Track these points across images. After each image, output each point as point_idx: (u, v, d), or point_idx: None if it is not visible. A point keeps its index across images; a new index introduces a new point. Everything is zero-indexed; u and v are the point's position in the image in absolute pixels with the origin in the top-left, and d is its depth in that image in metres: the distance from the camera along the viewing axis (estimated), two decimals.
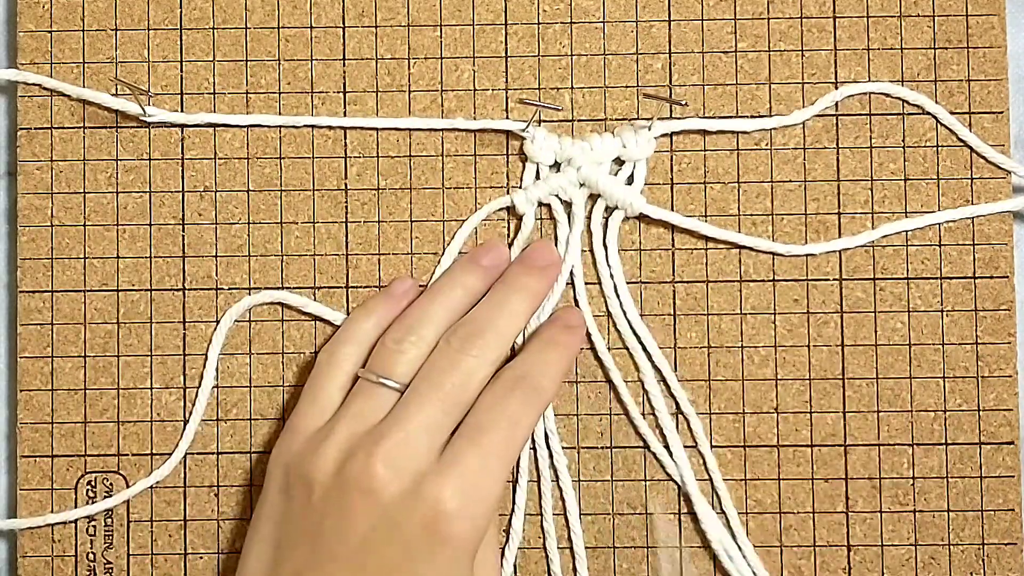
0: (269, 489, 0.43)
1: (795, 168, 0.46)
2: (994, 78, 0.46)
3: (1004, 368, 0.46)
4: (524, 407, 0.41)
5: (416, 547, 0.39)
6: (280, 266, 0.46)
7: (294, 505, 0.41)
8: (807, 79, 0.46)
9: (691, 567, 0.45)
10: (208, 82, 0.46)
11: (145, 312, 0.46)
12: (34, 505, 0.46)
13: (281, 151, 0.46)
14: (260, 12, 0.46)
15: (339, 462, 0.40)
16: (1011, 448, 0.45)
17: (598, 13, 0.46)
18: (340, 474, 0.40)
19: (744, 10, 0.46)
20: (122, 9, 0.46)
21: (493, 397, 0.41)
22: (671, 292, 0.46)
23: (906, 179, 0.46)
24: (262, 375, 0.46)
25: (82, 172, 0.46)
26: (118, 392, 0.46)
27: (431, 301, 0.44)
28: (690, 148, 0.46)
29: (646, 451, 0.46)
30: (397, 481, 0.39)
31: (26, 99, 0.46)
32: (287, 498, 0.42)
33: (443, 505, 0.39)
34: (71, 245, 0.46)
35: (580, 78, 0.46)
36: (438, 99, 0.46)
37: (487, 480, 0.40)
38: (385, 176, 0.46)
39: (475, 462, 0.40)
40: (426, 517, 0.39)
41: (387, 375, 0.42)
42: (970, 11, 0.46)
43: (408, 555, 0.39)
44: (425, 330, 0.43)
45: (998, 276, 0.46)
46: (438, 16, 0.46)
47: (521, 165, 0.46)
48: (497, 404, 0.41)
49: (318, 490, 0.40)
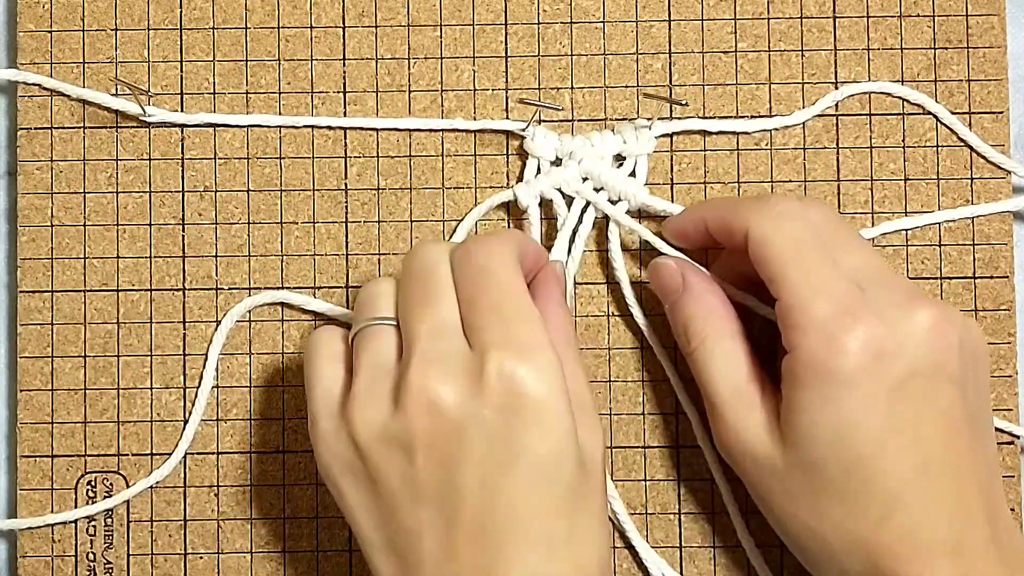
0: (346, 494, 0.39)
1: (795, 168, 0.46)
2: (994, 78, 0.46)
3: (1004, 368, 0.46)
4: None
5: (516, 428, 0.37)
6: (280, 266, 0.46)
7: (391, 479, 0.38)
8: (807, 79, 0.46)
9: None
10: (208, 82, 0.46)
11: (145, 312, 0.46)
12: (34, 505, 0.46)
13: (281, 151, 0.46)
14: (260, 12, 0.46)
15: (394, 407, 0.38)
16: (1011, 448, 0.45)
17: (598, 13, 0.46)
18: (406, 415, 0.38)
19: (744, 10, 0.46)
20: (122, 9, 0.46)
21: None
22: None
23: (906, 179, 0.46)
24: (262, 375, 0.46)
25: (82, 172, 0.46)
26: (118, 392, 0.46)
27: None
28: (690, 148, 0.46)
29: (646, 451, 0.46)
30: (455, 385, 0.38)
31: (26, 99, 0.46)
32: (373, 481, 0.38)
33: (510, 378, 0.37)
34: (71, 245, 0.46)
35: (580, 78, 0.46)
36: (438, 99, 0.46)
37: (523, 328, 0.38)
38: (385, 176, 0.46)
39: (498, 324, 0.38)
40: (502, 398, 0.37)
41: (375, 316, 0.40)
42: (970, 11, 0.46)
43: (514, 441, 0.37)
44: (386, 283, 0.41)
45: (998, 276, 0.46)
46: (438, 16, 0.46)
47: (521, 164, 0.46)
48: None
49: (414, 441, 0.38)
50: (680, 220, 0.44)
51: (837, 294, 0.38)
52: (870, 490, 0.38)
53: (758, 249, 0.40)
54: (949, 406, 0.38)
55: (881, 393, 0.38)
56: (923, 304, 0.39)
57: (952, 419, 0.38)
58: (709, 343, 0.42)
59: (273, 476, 0.46)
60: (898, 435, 0.38)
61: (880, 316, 0.38)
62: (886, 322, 0.38)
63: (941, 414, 0.38)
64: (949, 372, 0.38)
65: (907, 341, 0.38)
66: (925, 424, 0.38)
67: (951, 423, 0.38)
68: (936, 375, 0.38)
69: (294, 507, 0.46)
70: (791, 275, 0.39)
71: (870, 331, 0.38)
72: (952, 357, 0.38)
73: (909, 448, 0.38)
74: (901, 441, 0.38)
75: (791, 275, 0.39)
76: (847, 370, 0.38)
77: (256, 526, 0.46)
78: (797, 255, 0.39)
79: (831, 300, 0.38)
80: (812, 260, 0.39)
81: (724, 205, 0.42)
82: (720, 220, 0.42)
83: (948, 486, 0.38)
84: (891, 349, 0.38)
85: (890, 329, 0.38)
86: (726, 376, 0.41)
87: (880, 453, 0.38)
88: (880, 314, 0.38)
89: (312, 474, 0.46)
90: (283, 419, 0.46)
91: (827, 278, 0.39)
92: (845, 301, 0.38)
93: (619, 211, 0.45)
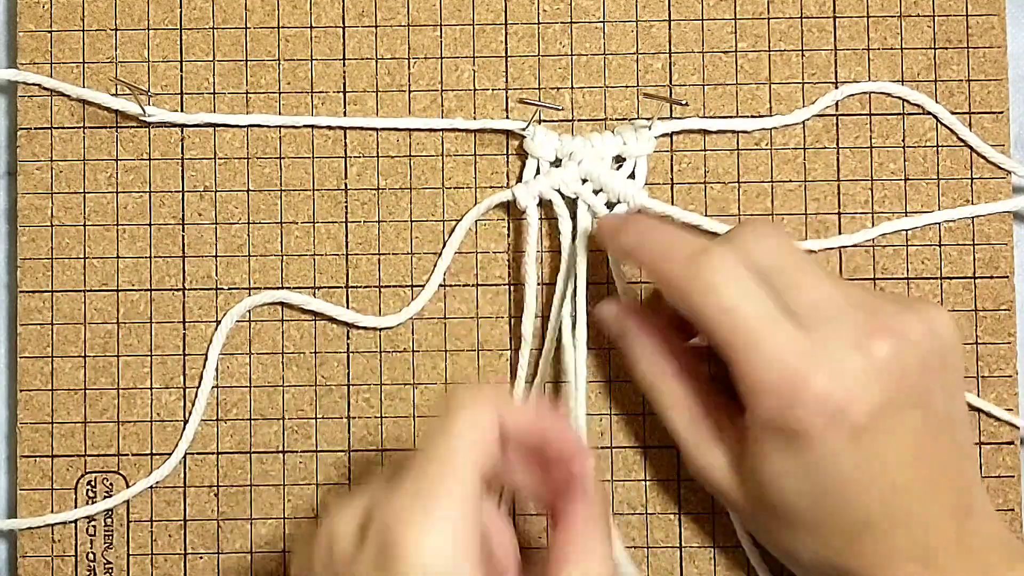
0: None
1: (795, 168, 0.46)
2: (994, 78, 0.46)
3: (1004, 368, 0.46)
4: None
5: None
6: (280, 266, 0.46)
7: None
8: (807, 79, 0.46)
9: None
10: (208, 82, 0.46)
11: (145, 312, 0.46)
12: (34, 505, 0.46)
13: (281, 151, 0.46)
14: (260, 12, 0.46)
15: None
16: (1011, 448, 0.45)
17: (598, 13, 0.46)
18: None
19: (744, 10, 0.46)
20: (122, 9, 0.46)
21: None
22: None
23: (906, 179, 0.46)
24: (262, 375, 0.46)
25: (82, 172, 0.46)
26: (118, 392, 0.46)
27: None
28: (690, 148, 0.46)
29: (646, 451, 0.46)
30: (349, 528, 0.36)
31: (26, 99, 0.46)
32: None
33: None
34: (71, 245, 0.46)
35: (580, 78, 0.46)
36: (438, 99, 0.46)
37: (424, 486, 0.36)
38: (385, 176, 0.46)
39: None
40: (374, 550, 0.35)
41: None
42: (970, 11, 0.46)
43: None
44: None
45: (998, 276, 0.46)
46: (438, 16, 0.46)
47: (521, 164, 0.46)
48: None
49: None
50: (614, 245, 0.43)
51: (784, 355, 0.37)
52: (837, 520, 0.38)
53: (695, 321, 0.39)
54: (914, 429, 0.38)
55: (843, 442, 0.37)
56: (876, 335, 0.38)
57: (918, 439, 0.38)
58: (655, 387, 0.42)
59: (273, 476, 0.46)
60: (863, 470, 0.38)
61: (831, 365, 0.37)
62: (838, 371, 0.37)
63: (906, 439, 0.38)
64: (911, 398, 0.38)
65: (862, 386, 0.37)
66: (890, 453, 0.38)
67: (917, 443, 0.38)
68: (897, 407, 0.38)
69: (294, 507, 0.46)
70: (732, 344, 0.38)
71: (823, 387, 0.37)
72: (912, 381, 0.38)
73: (875, 478, 0.38)
74: (867, 474, 0.38)
75: (732, 344, 0.38)
76: (805, 430, 0.37)
77: (256, 526, 0.46)
78: (735, 323, 0.38)
79: (778, 364, 0.37)
80: (752, 324, 0.38)
81: (654, 259, 0.40)
82: (653, 276, 0.41)
83: (915, 501, 0.38)
84: (847, 400, 0.37)
85: (843, 379, 0.37)
86: (677, 416, 0.42)
87: (846, 488, 0.38)
88: (831, 363, 0.37)
89: (312, 474, 0.46)
90: (283, 419, 0.46)
91: (771, 340, 0.38)
92: (792, 362, 0.37)
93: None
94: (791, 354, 0.37)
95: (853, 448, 0.37)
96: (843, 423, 0.37)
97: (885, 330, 0.38)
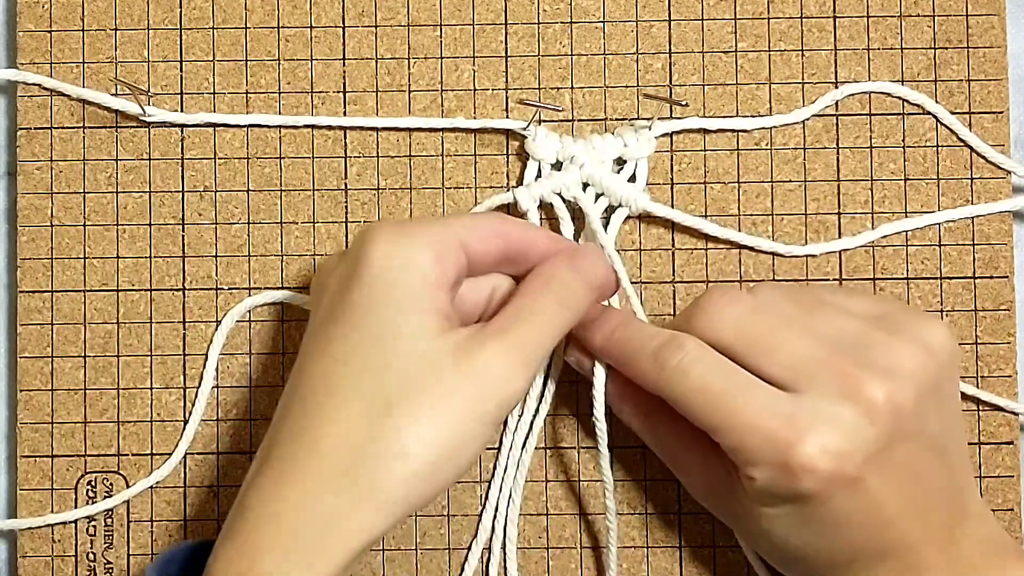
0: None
1: (795, 168, 0.46)
2: (994, 78, 0.46)
3: (1004, 368, 0.46)
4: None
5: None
6: (280, 266, 0.46)
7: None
8: (807, 79, 0.46)
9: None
10: (208, 82, 0.46)
11: (145, 312, 0.46)
12: (34, 505, 0.46)
13: (281, 151, 0.46)
14: (260, 12, 0.46)
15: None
16: (1011, 448, 0.45)
17: (598, 13, 0.46)
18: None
19: (744, 10, 0.46)
20: (122, 9, 0.46)
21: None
22: (671, 292, 0.46)
23: (906, 179, 0.46)
24: (262, 375, 0.46)
25: (82, 172, 0.46)
26: (118, 392, 0.46)
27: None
28: (690, 148, 0.46)
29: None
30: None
31: (26, 99, 0.46)
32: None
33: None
34: (71, 245, 0.46)
35: (580, 78, 0.46)
36: (438, 99, 0.46)
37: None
38: (385, 176, 0.46)
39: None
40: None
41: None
42: (970, 11, 0.46)
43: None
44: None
45: (998, 276, 0.46)
46: (438, 16, 0.46)
47: (521, 165, 0.46)
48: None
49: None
50: (588, 345, 0.42)
51: (766, 420, 0.37)
52: (833, 549, 0.39)
53: (679, 410, 0.39)
54: (907, 460, 0.38)
55: (837, 492, 0.37)
56: (865, 380, 0.37)
57: (911, 467, 0.38)
58: (635, 422, 0.43)
59: None
60: (857, 510, 0.38)
61: (820, 426, 0.37)
62: (828, 430, 0.37)
63: (900, 472, 0.38)
64: (906, 432, 0.38)
65: (856, 438, 0.37)
66: (884, 489, 0.38)
67: (911, 472, 0.38)
68: (892, 444, 0.37)
69: None
70: (713, 419, 0.38)
71: (811, 455, 0.37)
72: (907, 414, 0.37)
73: (868, 515, 0.38)
74: (860, 512, 0.38)
75: (713, 419, 0.38)
76: (806, 489, 0.37)
77: None
78: (708, 400, 0.38)
79: (762, 431, 0.37)
80: (727, 396, 0.38)
81: (623, 361, 0.41)
82: (627, 374, 0.41)
83: (906, 528, 0.38)
84: (839, 460, 0.37)
85: (834, 436, 0.37)
86: (658, 446, 0.43)
87: (839, 528, 0.38)
88: (820, 423, 0.37)
89: None
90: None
91: (752, 407, 0.37)
92: (777, 428, 0.37)
93: (618, 217, 0.45)
94: (774, 419, 0.37)
95: (848, 495, 0.37)
96: (838, 480, 0.37)
97: (874, 371, 0.37)
